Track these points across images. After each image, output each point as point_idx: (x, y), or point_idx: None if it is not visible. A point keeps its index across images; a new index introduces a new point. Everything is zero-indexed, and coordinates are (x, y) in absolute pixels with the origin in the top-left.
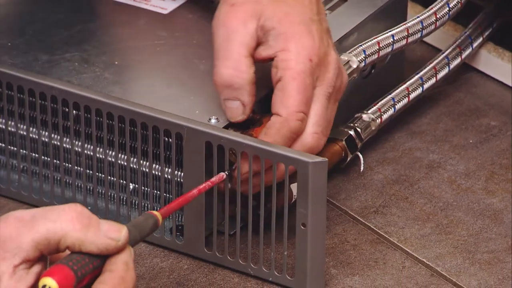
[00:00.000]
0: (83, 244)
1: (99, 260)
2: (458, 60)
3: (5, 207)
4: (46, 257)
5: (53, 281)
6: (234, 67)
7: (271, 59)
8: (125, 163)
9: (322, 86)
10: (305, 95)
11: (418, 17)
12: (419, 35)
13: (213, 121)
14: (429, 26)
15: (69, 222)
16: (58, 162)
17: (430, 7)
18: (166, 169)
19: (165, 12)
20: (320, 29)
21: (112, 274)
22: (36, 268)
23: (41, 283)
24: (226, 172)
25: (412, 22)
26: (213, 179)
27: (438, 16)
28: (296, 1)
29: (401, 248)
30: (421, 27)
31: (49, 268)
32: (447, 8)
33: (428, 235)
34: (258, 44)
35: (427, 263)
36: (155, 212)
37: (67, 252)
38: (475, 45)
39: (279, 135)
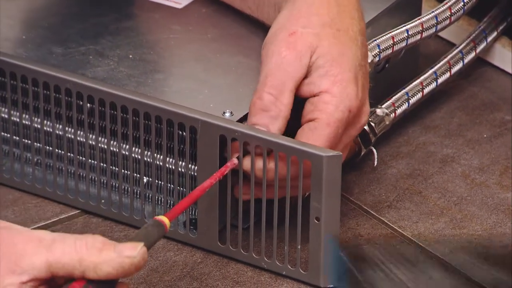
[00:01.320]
0: (98, 266)
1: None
2: (472, 55)
3: (19, 200)
4: (55, 281)
5: None
6: (277, 96)
7: (311, 96)
8: (139, 157)
9: (349, 137)
10: (332, 143)
11: (433, 11)
12: (433, 29)
13: (227, 114)
14: (444, 21)
15: (83, 247)
16: (72, 155)
17: (445, 1)
18: (180, 162)
19: (179, 6)
20: (363, 77)
21: None
22: None
23: None
24: (237, 157)
25: (427, 17)
26: (223, 168)
27: (452, 11)
28: (352, 41)
29: (415, 243)
30: (435, 21)
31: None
32: (462, 3)
33: (441, 230)
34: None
35: (441, 257)
36: (161, 218)
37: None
38: (489, 39)
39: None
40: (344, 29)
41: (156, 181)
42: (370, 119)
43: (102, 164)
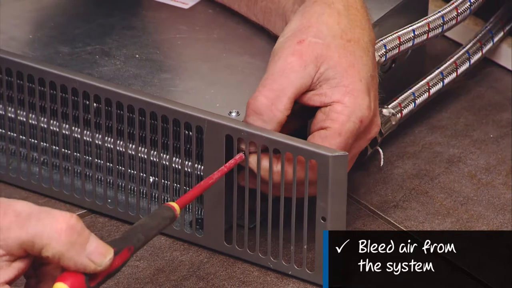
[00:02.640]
0: (62, 258)
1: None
2: (478, 55)
3: (26, 199)
4: (32, 256)
5: (65, 286)
6: (273, 101)
7: (323, 106)
8: (146, 156)
9: (359, 147)
10: None
11: (440, 11)
12: (440, 30)
13: (233, 114)
14: (450, 21)
15: (55, 233)
16: (78, 155)
17: (452, 1)
18: (186, 162)
19: (186, 7)
20: (375, 88)
21: None
22: (20, 264)
23: None
24: (243, 152)
25: (433, 17)
26: (231, 161)
27: (459, 11)
28: (363, 51)
29: (421, 243)
30: (442, 22)
31: (62, 273)
32: (469, 3)
33: (448, 230)
34: (309, 89)
35: (448, 257)
36: (172, 204)
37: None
38: (496, 39)
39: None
40: (355, 40)
41: (162, 180)
42: None
43: (108, 163)
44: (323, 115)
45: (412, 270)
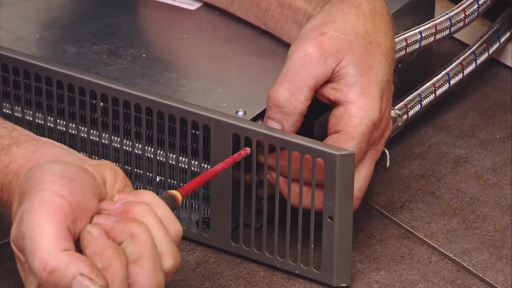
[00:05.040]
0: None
1: None
2: (485, 56)
3: None
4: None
5: None
6: (294, 93)
7: (336, 103)
8: (152, 156)
9: (373, 152)
10: (356, 156)
11: (447, 14)
12: (447, 32)
13: (240, 113)
14: (458, 23)
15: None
16: (85, 154)
17: (459, 4)
18: (193, 161)
19: (192, 8)
20: (389, 93)
21: None
22: None
23: None
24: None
25: (441, 19)
26: (236, 154)
27: (467, 13)
28: (383, 56)
29: (428, 243)
30: (449, 24)
31: None
32: (476, 5)
33: (454, 230)
34: (328, 81)
35: (454, 258)
36: (174, 192)
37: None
38: (502, 40)
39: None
40: (376, 43)
41: (169, 180)
42: None
43: (115, 163)
44: (335, 119)
45: (416, 270)
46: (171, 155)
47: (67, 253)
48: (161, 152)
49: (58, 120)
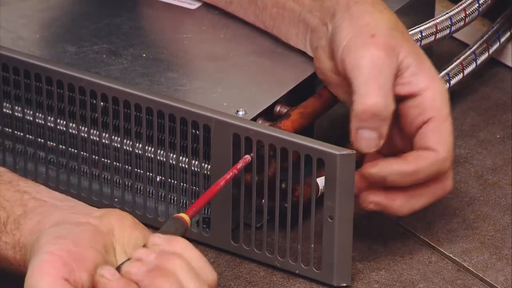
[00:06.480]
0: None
1: None
2: (485, 56)
3: None
4: None
5: None
6: (385, 97)
7: (408, 96)
8: (153, 155)
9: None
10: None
11: (447, 13)
12: (447, 31)
13: (240, 113)
14: (458, 22)
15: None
16: (85, 154)
17: (460, 3)
18: (194, 161)
19: (192, 7)
20: None
21: None
22: None
23: None
24: (251, 154)
25: (441, 18)
26: (238, 164)
27: (467, 13)
28: (412, 39)
29: (428, 243)
30: (450, 23)
31: None
32: (477, 5)
33: (454, 230)
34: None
35: (454, 258)
36: (182, 215)
37: None
38: (502, 40)
39: (429, 169)
40: (404, 31)
41: (169, 180)
42: None
43: (115, 163)
44: (417, 109)
45: (416, 269)
46: (171, 155)
47: None
48: (162, 152)
49: (58, 120)
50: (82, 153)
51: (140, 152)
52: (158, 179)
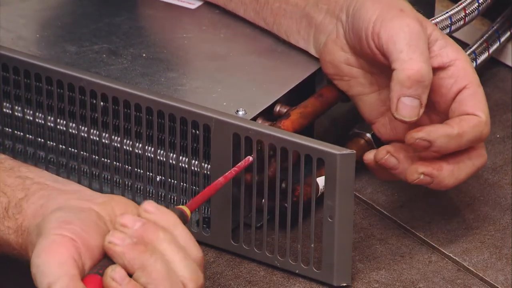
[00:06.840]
0: None
1: None
2: (485, 55)
3: None
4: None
5: None
6: (428, 63)
7: (439, 68)
8: (152, 155)
9: None
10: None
11: (447, 12)
12: (447, 30)
13: (240, 113)
14: (458, 21)
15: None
16: (85, 154)
17: (459, 2)
18: (193, 161)
19: (192, 7)
20: None
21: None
22: None
23: None
24: (252, 155)
25: (441, 18)
26: (240, 164)
27: (467, 12)
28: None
29: (428, 243)
30: (449, 22)
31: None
32: (477, 4)
33: (454, 230)
34: None
35: (454, 257)
36: (182, 207)
37: None
38: (502, 39)
39: (473, 132)
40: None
41: (169, 180)
42: None
43: (115, 162)
44: (451, 79)
45: (416, 269)
46: (171, 154)
47: (72, 276)
48: (161, 151)
49: (58, 120)
50: (82, 153)
51: (140, 152)
52: (158, 179)
